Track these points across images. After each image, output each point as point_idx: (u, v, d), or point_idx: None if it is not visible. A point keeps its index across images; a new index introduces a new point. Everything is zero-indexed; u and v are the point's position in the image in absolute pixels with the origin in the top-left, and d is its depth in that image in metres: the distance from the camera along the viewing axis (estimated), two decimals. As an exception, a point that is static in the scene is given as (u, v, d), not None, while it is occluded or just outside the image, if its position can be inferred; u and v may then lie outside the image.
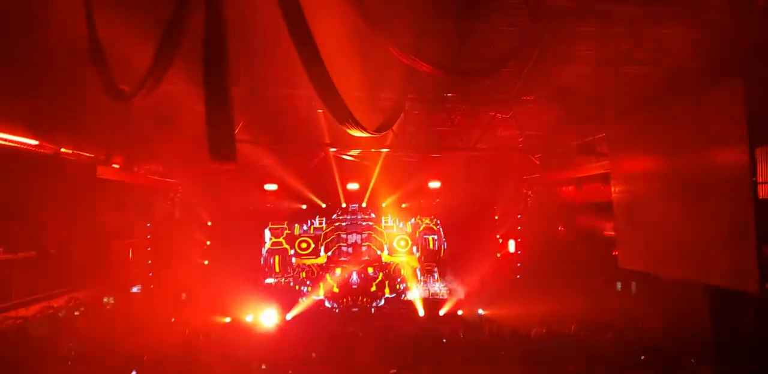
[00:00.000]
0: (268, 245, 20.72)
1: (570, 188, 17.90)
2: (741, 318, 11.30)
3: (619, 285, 17.44)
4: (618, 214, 13.78)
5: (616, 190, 13.93)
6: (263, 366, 17.39)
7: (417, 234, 21.15)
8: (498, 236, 21.37)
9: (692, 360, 12.34)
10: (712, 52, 9.79)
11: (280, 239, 20.73)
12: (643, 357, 13.80)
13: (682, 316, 13.59)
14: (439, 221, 21.35)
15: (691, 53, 10.20)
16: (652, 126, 12.15)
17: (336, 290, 20.40)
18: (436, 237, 21.17)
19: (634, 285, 16.88)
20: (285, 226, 20.85)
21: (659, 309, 14.58)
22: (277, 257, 20.60)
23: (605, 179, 14.92)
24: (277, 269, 20.54)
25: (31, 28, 9.13)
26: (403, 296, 20.63)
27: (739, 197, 9.20)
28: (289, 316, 19.34)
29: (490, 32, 10.45)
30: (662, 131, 11.75)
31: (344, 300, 20.40)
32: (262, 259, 20.60)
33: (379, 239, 21.10)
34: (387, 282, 20.67)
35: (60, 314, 15.34)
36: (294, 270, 20.61)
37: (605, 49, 10.74)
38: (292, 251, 20.62)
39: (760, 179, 9.13)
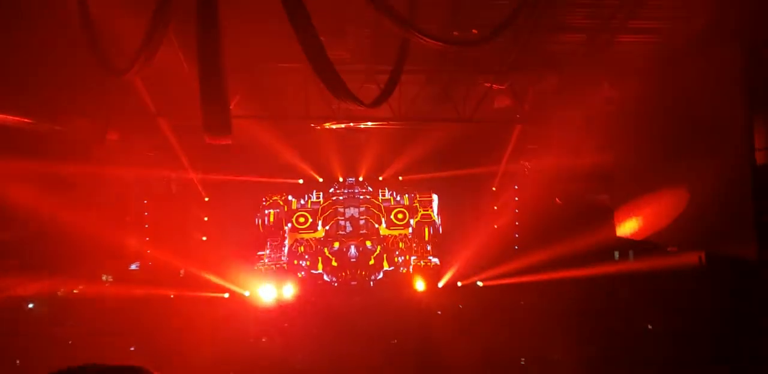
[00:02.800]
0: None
1: (568, 157, 17.83)
2: (738, 285, 11.40)
3: (616, 255, 17.51)
4: (616, 182, 13.79)
5: (614, 158, 13.91)
6: (264, 340, 17.59)
7: (418, 216, 21.01)
8: (495, 207, 21.35)
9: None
10: (709, 17, 9.71)
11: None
12: (650, 327, 13.97)
13: (679, 285, 13.67)
14: (436, 196, 21.26)
15: (689, 19, 10.12)
16: (650, 93, 12.09)
17: (334, 264, 20.42)
18: (433, 213, 21.10)
19: (631, 253, 16.95)
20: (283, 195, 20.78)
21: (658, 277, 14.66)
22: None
23: (602, 148, 14.88)
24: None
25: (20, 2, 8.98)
26: (402, 268, 20.67)
27: (737, 163, 9.21)
28: (287, 290, 19.39)
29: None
30: (660, 97, 11.70)
31: (343, 273, 20.42)
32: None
33: (376, 212, 21.06)
34: (385, 255, 20.67)
35: (59, 292, 15.40)
36: (292, 244, 20.60)
37: (601, 17, 10.66)
38: (288, 226, 20.57)
39: (757, 145, 9.13)
